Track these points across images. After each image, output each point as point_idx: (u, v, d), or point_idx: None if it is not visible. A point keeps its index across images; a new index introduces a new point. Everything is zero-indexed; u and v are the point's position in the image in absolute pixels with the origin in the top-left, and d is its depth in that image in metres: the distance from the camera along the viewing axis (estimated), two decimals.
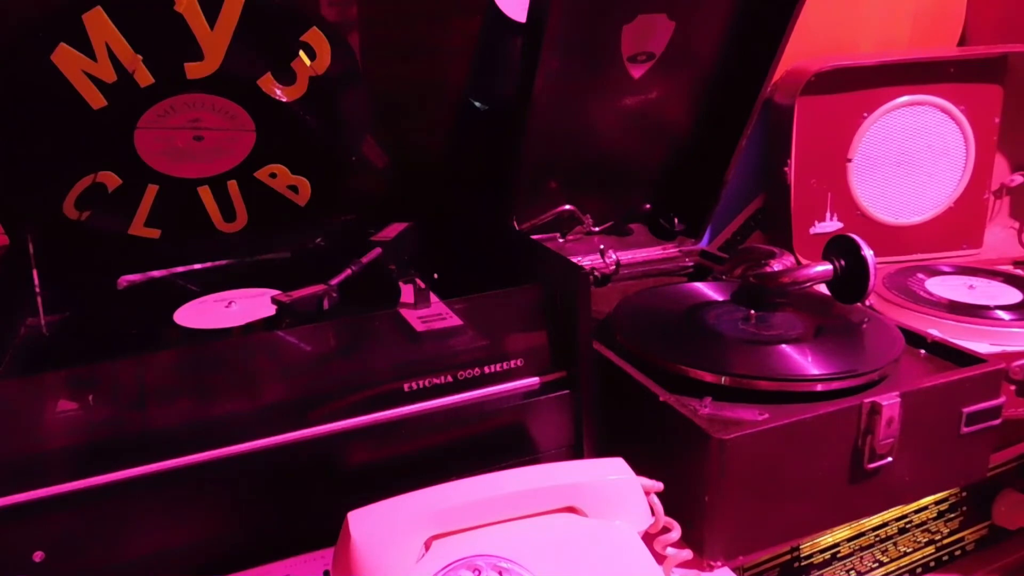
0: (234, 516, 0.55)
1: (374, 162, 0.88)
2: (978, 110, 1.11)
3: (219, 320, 0.70)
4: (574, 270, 0.64)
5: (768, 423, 0.59)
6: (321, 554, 0.55)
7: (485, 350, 0.63)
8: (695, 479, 0.59)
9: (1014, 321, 0.87)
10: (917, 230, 1.15)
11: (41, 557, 0.49)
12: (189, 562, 0.53)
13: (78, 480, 0.51)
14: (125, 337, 0.70)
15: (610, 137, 0.90)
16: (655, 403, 0.63)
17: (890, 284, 0.98)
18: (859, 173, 1.11)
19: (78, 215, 0.76)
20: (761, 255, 0.78)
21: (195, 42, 0.70)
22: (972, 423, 0.67)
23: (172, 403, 0.54)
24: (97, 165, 0.74)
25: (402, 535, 0.48)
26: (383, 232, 0.81)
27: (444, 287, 0.73)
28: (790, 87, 1.07)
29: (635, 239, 0.99)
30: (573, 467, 0.55)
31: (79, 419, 0.52)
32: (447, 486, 0.51)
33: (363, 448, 0.58)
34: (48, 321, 0.71)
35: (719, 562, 0.60)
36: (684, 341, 0.73)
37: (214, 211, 0.82)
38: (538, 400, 0.63)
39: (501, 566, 0.47)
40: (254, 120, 0.77)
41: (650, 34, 0.82)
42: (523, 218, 0.90)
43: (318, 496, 0.56)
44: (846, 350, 0.70)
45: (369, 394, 0.59)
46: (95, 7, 0.66)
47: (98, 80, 0.69)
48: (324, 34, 0.75)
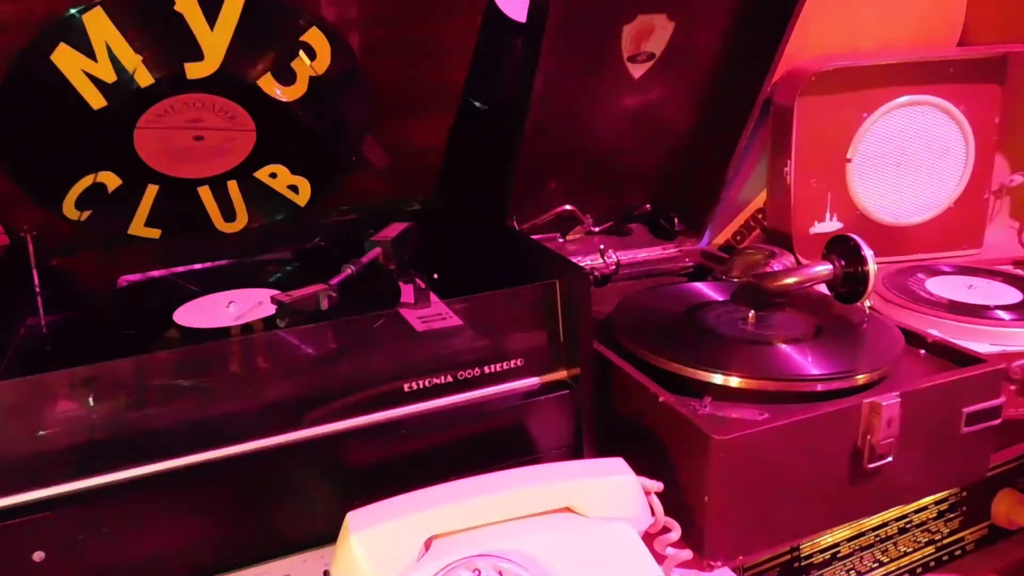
0: (234, 516, 0.55)
1: (374, 162, 0.87)
2: (978, 110, 1.11)
3: (219, 320, 0.70)
4: (574, 270, 0.64)
5: (768, 423, 0.60)
6: (321, 554, 0.55)
7: (485, 350, 0.63)
8: (695, 479, 0.59)
9: (1014, 321, 0.87)
10: (917, 230, 1.15)
11: (41, 557, 0.49)
12: (189, 562, 0.53)
13: (78, 480, 0.51)
14: (125, 337, 0.70)
15: (610, 137, 0.90)
16: (655, 403, 0.63)
17: (890, 284, 0.98)
18: (859, 173, 1.11)
19: (78, 215, 0.76)
20: (761, 255, 0.78)
21: (195, 42, 0.70)
22: (972, 423, 0.67)
23: (172, 403, 0.54)
24: (97, 165, 0.75)
25: (402, 535, 0.48)
26: (383, 232, 0.81)
27: (444, 287, 0.73)
28: (790, 87, 1.07)
29: (635, 239, 0.99)
30: (573, 467, 0.55)
31: (79, 419, 0.52)
32: (447, 486, 0.51)
33: (363, 448, 0.58)
34: (48, 321, 0.71)
35: (719, 562, 0.60)
36: (684, 341, 0.73)
37: (214, 211, 0.82)
38: (538, 400, 0.63)
39: (501, 566, 0.47)
40: (254, 120, 0.77)
41: (650, 34, 0.82)
42: (523, 218, 0.89)
43: (318, 496, 0.56)
44: (846, 350, 0.70)
45: (369, 394, 0.59)
46: (95, 7, 0.66)
47: (98, 80, 0.69)
48: (324, 34, 0.75)
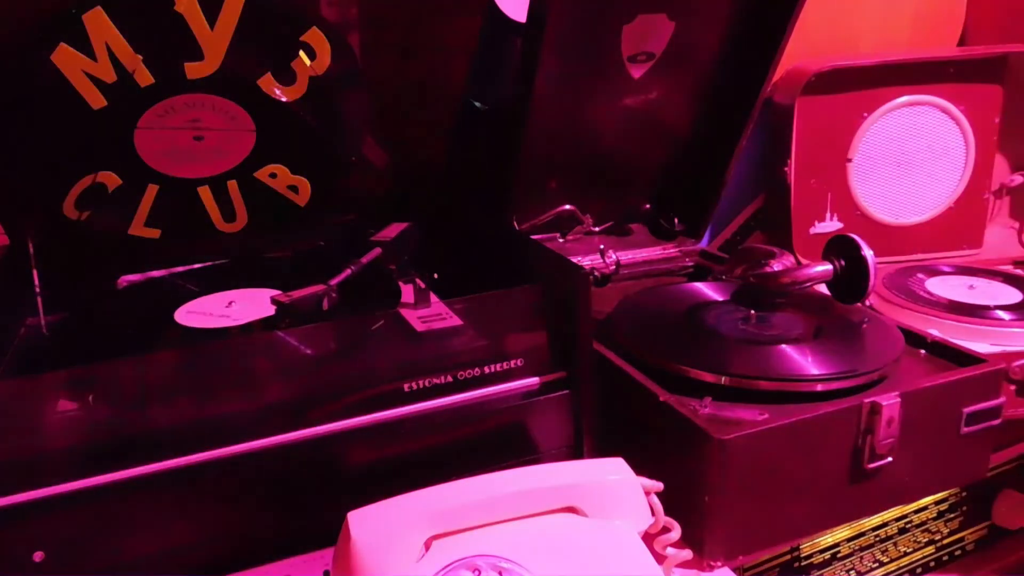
0: (234, 516, 0.55)
1: (374, 162, 0.87)
2: (978, 110, 1.11)
3: (219, 320, 0.70)
4: (574, 270, 0.64)
5: (768, 423, 0.59)
6: (321, 554, 0.55)
7: (485, 350, 0.63)
8: (695, 479, 0.59)
9: (1014, 321, 0.87)
10: (917, 230, 1.15)
11: (41, 557, 0.49)
12: (189, 562, 0.53)
13: (78, 480, 0.51)
14: (125, 337, 0.70)
15: (610, 137, 0.90)
16: (655, 403, 0.63)
17: (890, 284, 0.98)
18: (859, 173, 1.11)
19: (78, 215, 0.76)
20: (761, 255, 0.78)
21: (195, 42, 0.70)
22: (972, 423, 0.67)
23: (172, 403, 0.54)
24: (97, 165, 0.74)
25: (402, 535, 0.48)
26: (383, 232, 0.81)
27: (444, 287, 0.73)
28: (790, 87, 1.07)
29: (635, 239, 0.99)
30: (573, 467, 0.55)
31: (79, 419, 0.52)
32: (447, 486, 0.51)
33: (363, 448, 0.58)
34: (48, 321, 0.71)
35: (719, 562, 0.60)
36: (684, 341, 0.73)
37: (214, 211, 0.82)
38: (538, 400, 0.63)
39: (501, 566, 0.47)
40: (254, 120, 0.77)
41: (650, 34, 0.82)
42: (523, 218, 0.90)
43: (318, 496, 0.56)
44: (846, 350, 0.70)
45: (369, 394, 0.59)
46: (95, 7, 0.66)
47: (98, 80, 0.69)
48: (324, 34, 0.75)
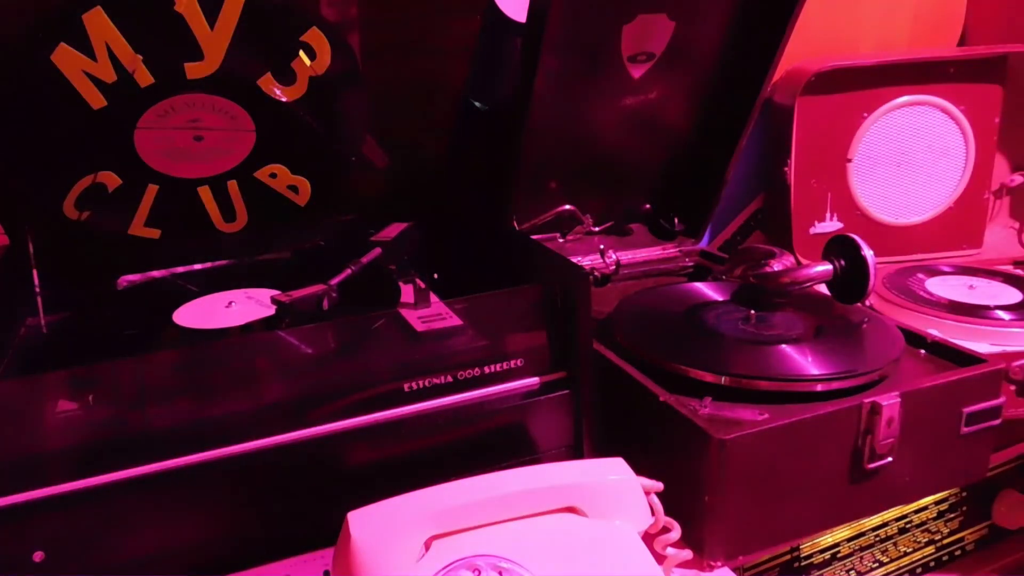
0: (234, 516, 0.55)
1: (374, 162, 0.87)
2: (978, 110, 1.11)
3: (219, 320, 0.70)
4: (574, 270, 0.64)
5: (768, 423, 0.59)
6: (321, 554, 0.55)
7: (485, 350, 0.63)
8: (695, 479, 0.59)
9: (1014, 321, 0.87)
10: (917, 230, 1.15)
11: (41, 557, 0.49)
12: (189, 562, 0.53)
13: (78, 480, 0.51)
14: (125, 337, 0.70)
15: (610, 137, 0.90)
16: (655, 403, 0.63)
17: (890, 284, 0.98)
18: (859, 173, 1.11)
19: (78, 215, 0.76)
20: (761, 255, 0.78)
21: (195, 42, 0.70)
22: (972, 423, 0.67)
23: (172, 403, 0.54)
24: (97, 165, 0.75)
25: (402, 535, 0.48)
26: (383, 232, 0.81)
27: (444, 287, 0.73)
28: (790, 87, 1.07)
29: (635, 239, 0.99)
30: (573, 467, 0.55)
31: (79, 419, 0.52)
32: (447, 486, 0.51)
33: (363, 448, 0.58)
34: (48, 321, 0.71)
35: (719, 562, 0.60)
36: (684, 341, 0.73)
37: (214, 211, 0.82)
38: (538, 400, 0.63)
39: (501, 566, 0.47)
40: (254, 120, 0.77)
41: (650, 34, 0.82)
42: (523, 218, 0.90)
43: (318, 496, 0.56)
44: (846, 350, 0.70)
45: (369, 394, 0.59)
46: (95, 7, 0.66)
47: (98, 80, 0.69)
48: (324, 34, 0.75)
